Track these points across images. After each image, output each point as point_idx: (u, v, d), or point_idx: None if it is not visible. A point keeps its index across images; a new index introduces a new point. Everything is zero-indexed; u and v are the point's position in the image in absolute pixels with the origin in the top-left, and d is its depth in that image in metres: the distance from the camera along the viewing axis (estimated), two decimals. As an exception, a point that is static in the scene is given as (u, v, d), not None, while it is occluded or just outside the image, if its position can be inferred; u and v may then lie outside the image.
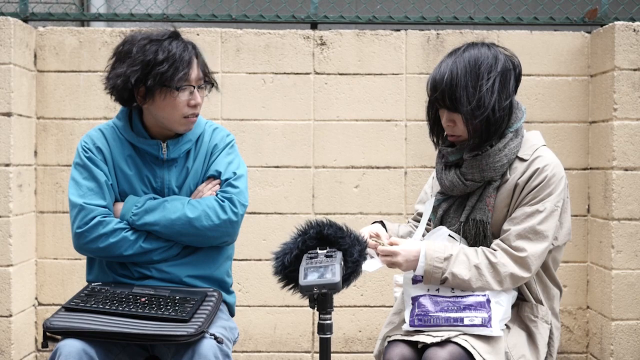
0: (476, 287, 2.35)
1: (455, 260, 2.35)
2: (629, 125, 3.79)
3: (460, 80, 2.37)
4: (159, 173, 2.57)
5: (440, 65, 2.43)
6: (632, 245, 3.79)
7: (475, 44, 2.46)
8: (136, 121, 2.57)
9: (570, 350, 4.07)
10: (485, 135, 2.40)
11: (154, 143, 2.55)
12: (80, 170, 2.56)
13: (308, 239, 2.31)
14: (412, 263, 2.38)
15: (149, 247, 2.51)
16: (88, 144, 2.58)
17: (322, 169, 4.06)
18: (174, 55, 2.46)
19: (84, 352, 2.26)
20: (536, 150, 2.44)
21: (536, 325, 2.43)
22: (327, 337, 2.16)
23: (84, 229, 2.49)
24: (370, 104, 4.07)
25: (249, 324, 4.03)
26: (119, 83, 2.48)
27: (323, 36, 4.06)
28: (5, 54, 3.75)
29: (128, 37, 2.54)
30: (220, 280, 2.63)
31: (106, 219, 2.50)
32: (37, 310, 4.03)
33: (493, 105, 2.37)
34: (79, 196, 2.52)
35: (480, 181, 2.43)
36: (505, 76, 2.41)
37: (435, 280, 2.36)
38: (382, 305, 4.04)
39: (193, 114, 2.53)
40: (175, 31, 2.55)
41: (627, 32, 3.80)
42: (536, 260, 2.36)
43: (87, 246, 2.50)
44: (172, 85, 2.46)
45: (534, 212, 2.37)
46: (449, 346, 2.24)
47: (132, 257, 2.51)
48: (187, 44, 2.53)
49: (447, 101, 2.40)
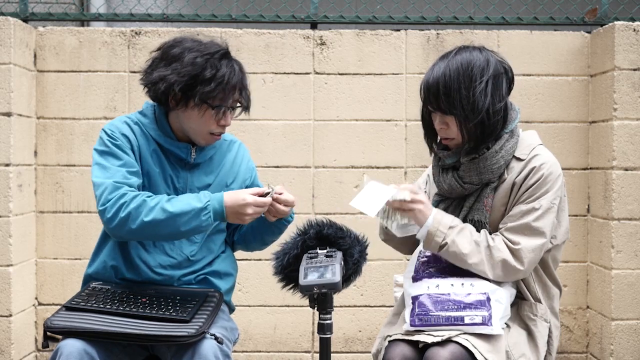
0: (471, 263, 2.35)
1: (459, 231, 2.37)
2: (629, 125, 3.80)
3: (454, 82, 2.38)
4: (182, 174, 2.55)
5: (433, 69, 2.44)
6: (632, 245, 3.79)
7: (466, 47, 2.46)
8: (163, 121, 2.54)
9: (570, 350, 4.07)
10: (480, 138, 2.41)
11: (183, 146, 2.53)
12: (107, 157, 2.46)
13: (308, 239, 2.32)
14: (423, 218, 2.39)
15: (173, 211, 2.37)
16: (115, 132, 2.50)
17: (322, 169, 4.06)
18: (223, 77, 2.44)
19: (84, 352, 2.25)
20: (533, 150, 2.45)
21: (535, 323, 2.44)
22: (327, 337, 2.17)
23: (107, 204, 2.38)
24: (370, 104, 4.07)
25: (249, 324, 4.03)
26: (161, 86, 2.45)
27: (323, 36, 4.06)
28: (5, 54, 3.75)
29: (178, 39, 2.51)
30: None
31: (130, 191, 2.40)
32: (37, 310, 4.03)
33: (487, 108, 2.38)
34: (107, 177, 2.41)
35: (478, 184, 2.44)
36: (497, 79, 2.42)
37: (435, 245, 2.37)
38: (382, 305, 4.04)
39: (220, 132, 2.54)
40: (226, 49, 2.53)
41: (627, 32, 3.80)
42: (530, 254, 2.37)
43: (112, 221, 2.38)
44: (210, 103, 2.45)
45: (530, 210, 2.38)
46: (450, 346, 2.25)
47: (154, 226, 2.37)
48: (236, 64, 2.52)
49: (440, 104, 2.41)
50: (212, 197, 2.42)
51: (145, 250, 2.52)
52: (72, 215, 4.02)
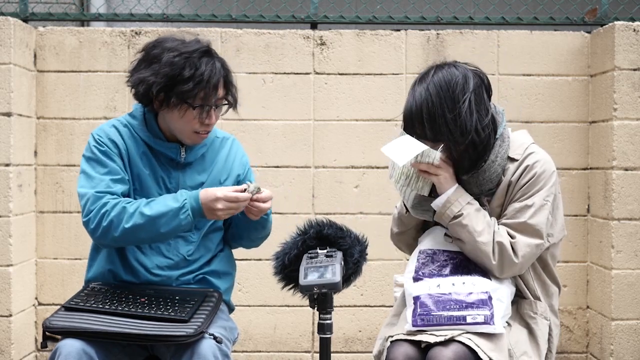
0: (479, 241, 2.35)
1: (477, 209, 2.38)
2: (629, 125, 3.79)
3: (437, 108, 2.34)
4: (174, 174, 2.54)
5: (413, 95, 2.39)
6: (632, 245, 3.79)
7: (441, 66, 2.42)
8: (152, 121, 2.53)
9: (570, 350, 4.07)
10: (474, 156, 2.40)
11: (173, 146, 2.53)
12: (93, 165, 2.48)
13: (308, 239, 2.32)
14: (446, 186, 2.38)
15: (151, 214, 2.39)
16: (102, 138, 2.50)
17: (322, 169, 4.06)
18: (201, 76, 2.41)
19: (83, 352, 2.25)
20: (526, 149, 2.46)
21: (536, 322, 2.44)
22: (327, 337, 2.17)
23: (90, 215, 2.42)
24: (370, 104, 4.07)
25: (249, 324, 4.03)
26: (140, 89, 2.45)
27: (323, 36, 4.06)
28: (5, 54, 3.75)
29: (160, 39, 2.49)
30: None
31: (111, 199, 2.42)
32: (37, 310, 4.03)
33: (475, 126, 2.36)
34: (91, 187, 2.44)
35: (479, 194, 2.45)
36: (478, 92, 2.39)
37: (450, 213, 2.37)
38: (382, 305, 4.04)
39: (205, 131, 2.51)
40: (208, 46, 2.49)
41: (627, 32, 3.80)
42: (525, 247, 2.37)
43: (96, 231, 2.40)
44: (191, 103, 2.44)
45: (523, 208, 2.39)
46: (453, 345, 2.25)
47: (135, 231, 2.39)
48: (217, 62, 2.47)
49: (426, 132, 2.37)
50: (188, 196, 2.42)
51: (141, 253, 2.52)
52: (72, 215, 4.02)
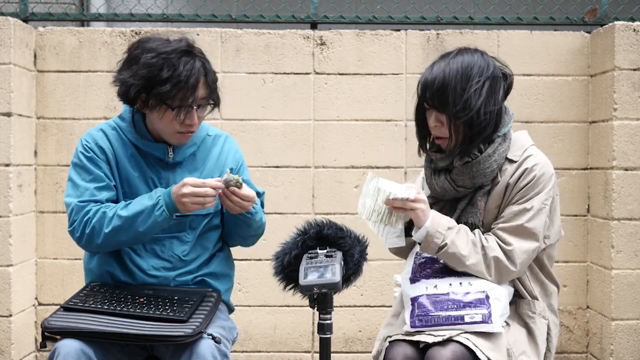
0: (469, 264, 2.34)
1: (457, 232, 2.36)
2: (629, 125, 3.79)
3: (451, 81, 2.39)
4: (164, 175, 2.54)
5: (432, 68, 2.45)
6: (632, 245, 3.79)
7: (467, 49, 2.48)
8: (140, 122, 2.53)
9: (570, 350, 4.07)
10: (468, 138, 2.41)
11: (160, 147, 2.52)
12: (79, 171, 2.50)
13: (308, 239, 2.32)
14: (423, 218, 2.36)
15: (127, 215, 2.40)
16: (89, 143, 2.52)
17: (322, 169, 4.06)
18: (179, 76, 2.38)
19: (82, 352, 2.25)
20: (525, 151, 2.46)
21: (534, 321, 2.44)
22: (327, 337, 2.17)
23: (74, 225, 2.45)
24: (370, 104, 4.07)
25: (249, 324, 4.03)
26: (120, 90, 2.46)
27: (323, 36, 4.06)
28: (5, 54, 3.75)
29: (142, 40, 2.48)
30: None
31: (94, 207, 2.44)
32: (37, 310, 4.03)
33: (479, 107, 2.38)
34: (75, 197, 2.47)
35: (471, 187, 2.44)
36: (495, 82, 2.43)
37: (434, 246, 2.35)
38: (382, 305, 4.04)
39: (188, 131, 2.49)
40: (188, 46, 2.45)
41: (627, 32, 3.80)
42: (522, 254, 2.37)
43: (81, 240, 2.45)
44: (170, 104, 2.42)
45: (522, 211, 2.39)
46: (452, 345, 2.25)
47: (115, 234, 2.40)
48: (197, 61, 2.44)
49: (435, 101, 2.42)
50: (162, 192, 2.43)
51: (137, 255, 2.52)
52: (72, 215, 4.02)
